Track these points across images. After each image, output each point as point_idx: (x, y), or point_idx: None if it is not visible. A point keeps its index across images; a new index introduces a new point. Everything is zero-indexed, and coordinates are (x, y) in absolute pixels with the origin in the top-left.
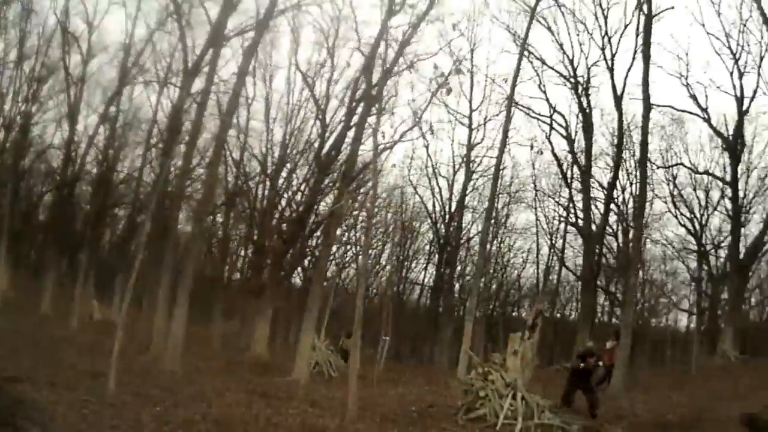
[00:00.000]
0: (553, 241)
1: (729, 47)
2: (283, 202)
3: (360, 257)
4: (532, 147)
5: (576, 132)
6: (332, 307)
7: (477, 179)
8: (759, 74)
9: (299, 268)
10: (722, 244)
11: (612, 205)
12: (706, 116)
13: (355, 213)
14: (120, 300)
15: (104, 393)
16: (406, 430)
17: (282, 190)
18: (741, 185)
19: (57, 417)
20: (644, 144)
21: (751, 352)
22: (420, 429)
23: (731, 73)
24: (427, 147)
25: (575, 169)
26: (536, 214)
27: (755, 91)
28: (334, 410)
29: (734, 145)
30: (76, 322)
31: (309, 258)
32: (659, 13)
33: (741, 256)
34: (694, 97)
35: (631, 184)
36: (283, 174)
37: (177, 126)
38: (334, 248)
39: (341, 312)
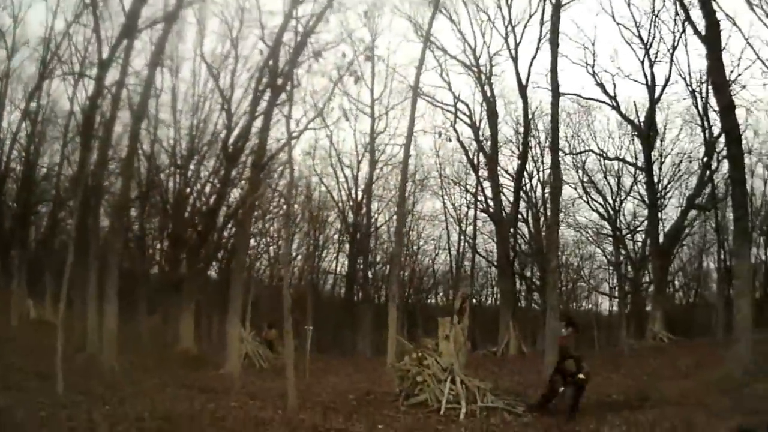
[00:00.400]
0: (463, 228)
1: (640, 36)
2: (194, 194)
3: (272, 247)
4: (440, 135)
5: (481, 120)
6: (251, 299)
7: (381, 168)
8: (672, 62)
9: (215, 261)
10: (639, 229)
11: (521, 192)
12: (615, 104)
13: (266, 204)
14: (51, 298)
15: (55, 394)
16: (350, 419)
17: (192, 182)
18: (654, 171)
19: (17, 421)
20: (555, 131)
21: (678, 335)
22: (363, 417)
23: (642, 62)
24: (330, 137)
25: (481, 156)
26: (443, 202)
27: (667, 80)
28: (274, 402)
29: (647, 133)
30: (16, 321)
31: (223, 250)
32: (568, 2)
33: (661, 240)
34: (601, 86)
35: (538, 171)
36: (192, 166)
37: (94, 118)
38: None
39: (259, 303)
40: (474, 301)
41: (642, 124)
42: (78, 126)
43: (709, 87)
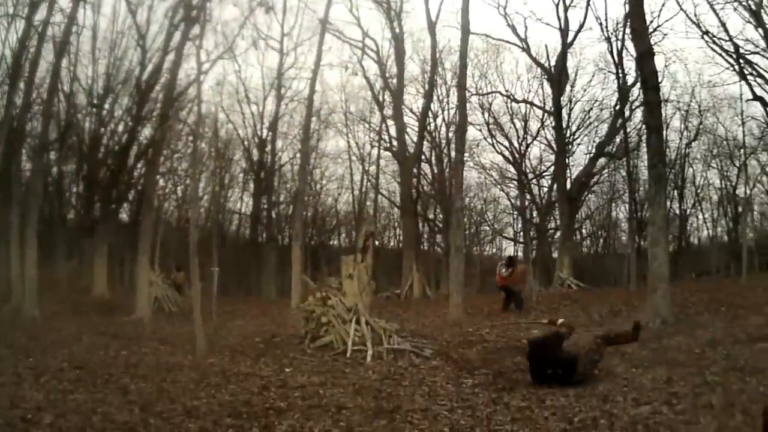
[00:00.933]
0: (366, 167)
1: None
2: (108, 134)
3: (180, 188)
4: (346, 68)
5: (388, 57)
6: (160, 240)
7: (287, 104)
8: (588, 7)
9: (125, 203)
10: (545, 174)
11: (425, 132)
12: (525, 46)
13: (175, 141)
14: None
15: None
16: (257, 362)
17: (106, 121)
18: (563, 116)
19: None
20: (463, 68)
21: (586, 283)
22: (271, 360)
23: (557, 5)
24: (238, 72)
25: (387, 94)
26: (348, 140)
27: (582, 25)
28: (183, 346)
29: (557, 77)
30: None
31: (134, 191)
32: None
33: (568, 186)
34: (512, 27)
35: (443, 110)
36: (107, 105)
37: (21, 59)
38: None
39: (168, 245)
40: (376, 242)
41: (552, 68)
42: (8, 68)
43: (626, 33)
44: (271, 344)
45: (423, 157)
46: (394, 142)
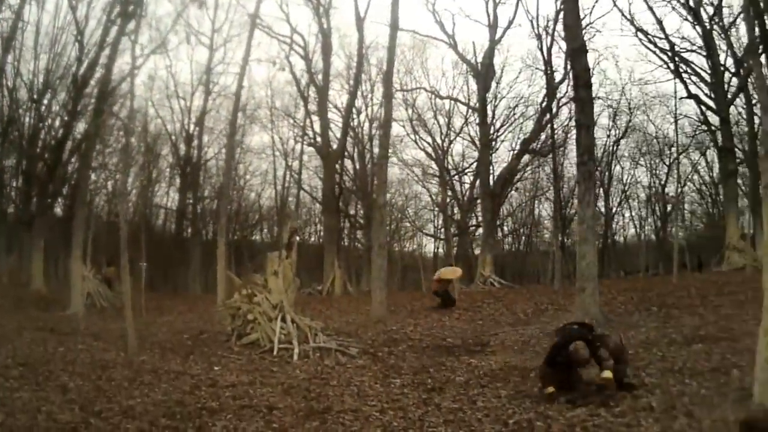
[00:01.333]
0: (290, 163)
1: None
2: (46, 129)
3: (110, 182)
4: (274, 63)
5: (314, 53)
6: (91, 235)
7: (215, 99)
8: (518, 4)
9: (60, 198)
10: (467, 171)
11: (349, 128)
12: (452, 43)
13: (107, 135)
14: None
15: None
16: (187, 360)
17: (45, 116)
18: (488, 112)
19: None
20: (390, 63)
21: (508, 281)
22: (199, 358)
23: (486, 2)
24: (169, 67)
25: (312, 90)
26: (272, 135)
27: (511, 21)
28: (115, 342)
29: (484, 74)
30: None
31: (68, 185)
32: None
33: (491, 183)
34: (441, 24)
35: (367, 106)
36: (46, 100)
37: None
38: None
39: (98, 240)
40: (298, 238)
41: (479, 64)
42: None
43: (557, 30)
44: (198, 341)
45: (346, 152)
46: (318, 138)
